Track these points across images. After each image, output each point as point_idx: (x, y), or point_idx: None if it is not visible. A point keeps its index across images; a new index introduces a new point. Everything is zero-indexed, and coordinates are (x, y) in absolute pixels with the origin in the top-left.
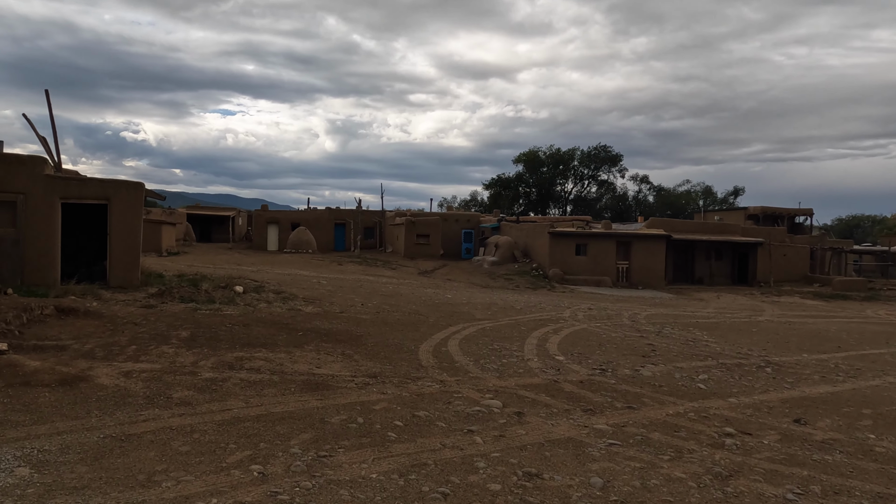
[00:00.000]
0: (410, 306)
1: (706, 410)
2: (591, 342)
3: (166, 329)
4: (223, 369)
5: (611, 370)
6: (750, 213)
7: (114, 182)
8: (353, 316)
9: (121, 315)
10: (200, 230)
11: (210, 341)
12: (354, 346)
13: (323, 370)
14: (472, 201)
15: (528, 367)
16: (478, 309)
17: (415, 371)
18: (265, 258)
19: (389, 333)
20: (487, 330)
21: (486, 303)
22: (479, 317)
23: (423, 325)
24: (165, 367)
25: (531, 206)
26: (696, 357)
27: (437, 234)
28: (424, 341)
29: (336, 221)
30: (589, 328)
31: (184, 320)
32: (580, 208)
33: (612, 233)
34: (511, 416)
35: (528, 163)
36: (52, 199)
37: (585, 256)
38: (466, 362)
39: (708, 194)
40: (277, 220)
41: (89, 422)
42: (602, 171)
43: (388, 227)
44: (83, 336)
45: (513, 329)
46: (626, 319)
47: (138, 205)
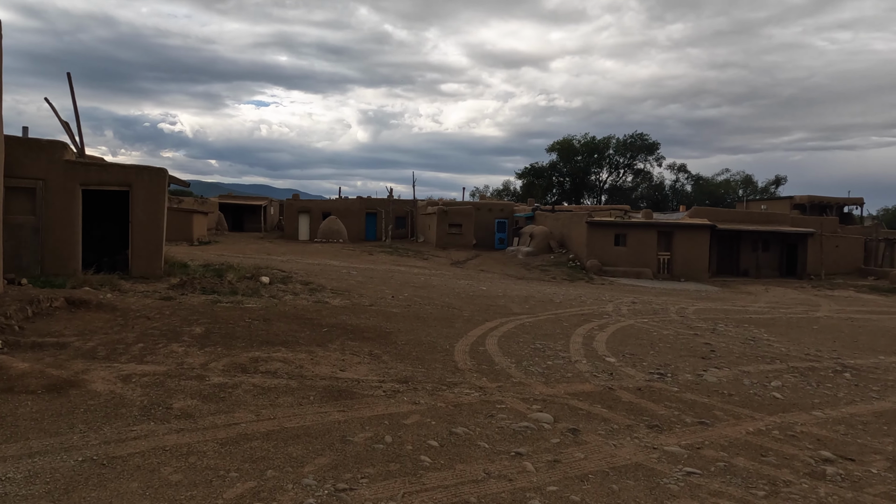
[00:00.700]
0: (443, 299)
1: (791, 427)
2: (642, 341)
3: (180, 324)
4: (235, 372)
5: (670, 375)
6: (796, 203)
7: (135, 168)
8: (382, 309)
9: (134, 308)
10: (233, 219)
11: (225, 339)
12: (383, 344)
13: (347, 374)
14: (505, 191)
15: (577, 370)
16: (514, 302)
17: (450, 375)
18: (295, 248)
19: (421, 329)
20: (527, 326)
21: (523, 295)
22: (517, 311)
23: (458, 321)
24: (171, 369)
25: (565, 195)
26: (762, 359)
27: (470, 223)
28: (460, 339)
29: (367, 211)
30: (636, 324)
31: (200, 314)
32: (615, 198)
33: (652, 222)
34: (565, 434)
35: (562, 151)
36: (72, 186)
37: (625, 247)
38: (507, 364)
39: (748, 183)
40: (308, 209)
41: (70, 439)
42: (638, 159)
43: (420, 217)
44: (88, 332)
45: (554, 325)
46: (673, 314)
47: (161, 191)
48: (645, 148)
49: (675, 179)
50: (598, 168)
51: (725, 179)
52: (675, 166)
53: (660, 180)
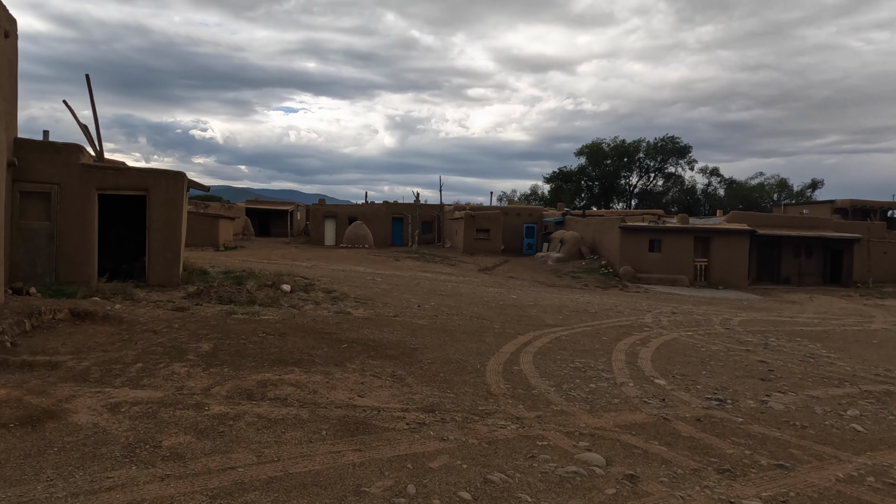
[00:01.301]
0: (472, 309)
1: (887, 472)
2: (691, 358)
3: (187, 340)
4: (240, 399)
5: (730, 401)
6: (837, 207)
7: (152, 171)
8: (407, 321)
9: (142, 321)
10: (259, 224)
11: (234, 357)
12: (408, 363)
13: (366, 400)
14: (533, 195)
15: (624, 394)
16: (547, 312)
17: (482, 401)
18: (321, 253)
19: (449, 345)
20: (563, 340)
21: (556, 305)
22: (551, 322)
23: (488, 334)
24: (168, 395)
25: (593, 199)
26: (828, 381)
27: (498, 228)
28: (491, 356)
29: (393, 215)
30: (680, 338)
31: (211, 328)
32: (645, 202)
33: (689, 227)
34: (621, 483)
35: (591, 155)
36: (88, 190)
37: (660, 253)
38: (546, 388)
39: (783, 187)
40: (335, 214)
41: (33, 490)
42: (669, 163)
43: (447, 222)
44: (86, 349)
45: (592, 339)
46: (718, 326)
47: (179, 196)
48: (676, 151)
49: (708, 183)
50: (628, 172)
51: (759, 183)
52: (708, 170)
53: (691, 184)
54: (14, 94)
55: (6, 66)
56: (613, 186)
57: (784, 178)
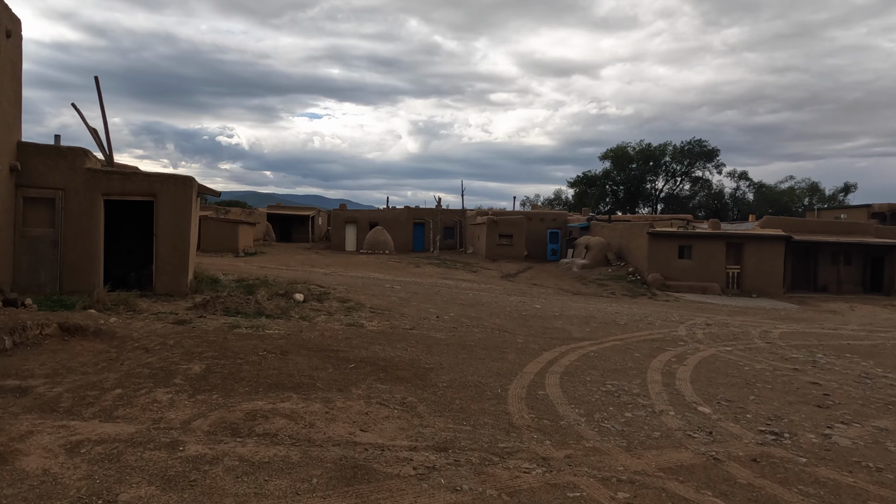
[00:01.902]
0: (493, 320)
1: None
2: (734, 379)
3: (179, 359)
4: (223, 436)
5: (788, 434)
6: (874, 212)
7: (160, 176)
8: (424, 335)
9: (136, 336)
10: (281, 230)
11: (226, 381)
12: (420, 387)
13: (369, 436)
14: (557, 200)
15: (665, 426)
16: (574, 324)
17: (503, 436)
18: (341, 259)
19: (468, 364)
20: (592, 357)
21: (583, 315)
22: (578, 335)
23: (511, 350)
24: (142, 430)
25: (618, 204)
26: (894, 408)
27: (522, 234)
28: (514, 378)
29: (415, 221)
30: (720, 354)
31: (209, 345)
32: (672, 207)
33: (721, 233)
34: None
35: (616, 159)
36: (94, 196)
37: (690, 260)
38: (576, 418)
39: (814, 191)
40: (356, 219)
41: None
42: (696, 167)
43: (469, 227)
44: (66, 370)
45: (624, 355)
46: (757, 339)
47: (187, 201)
48: (703, 155)
49: (736, 188)
50: (654, 176)
51: (790, 187)
52: (736, 174)
53: (719, 188)
54: (18, 97)
55: (8, 67)
56: (639, 191)
57: (815, 182)
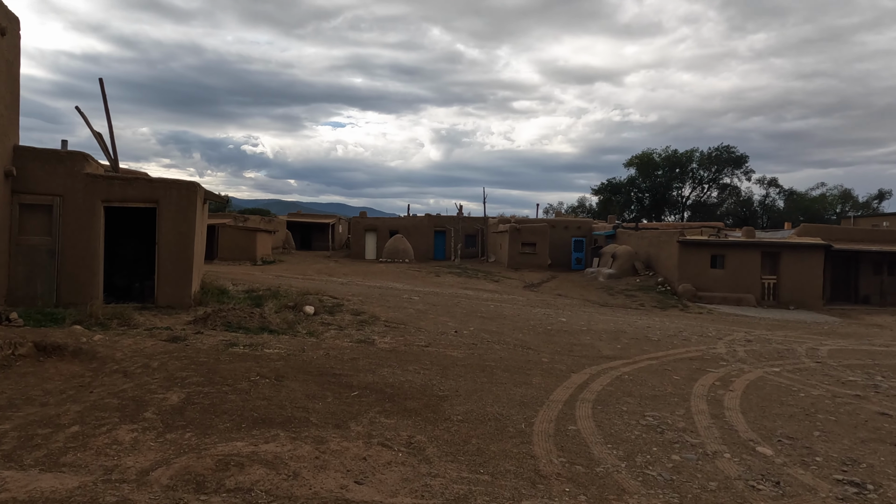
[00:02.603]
0: (516, 335)
1: None
2: (791, 408)
3: (158, 387)
4: (184, 492)
5: (871, 485)
6: None
7: (163, 182)
8: (440, 353)
9: (119, 357)
10: (301, 238)
11: (205, 415)
12: (431, 421)
13: (364, 491)
14: (580, 207)
15: (721, 473)
16: (603, 340)
17: (528, 488)
18: (359, 268)
19: (487, 390)
20: (626, 380)
21: (612, 330)
22: (608, 353)
23: (535, 371)
24: (86, 484)
25: (644, 212)
26: None
27: (545, 242)
28: (539, 408)
29: (436, 228)
30: (767, 377)
31: (197, 368)
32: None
33: (755, 242)
34: None
35: (642, 166)
36: (93, 203)
37: (723, 270)
38: (614, 462)
39: (847, 198)
40: (375, 227)
41: None
42: (724, 173)
43: (491, 235)
44: (24, 400)
45: (661, 378)
46: (805, 358)
47: (191, 208)
48: (732, 161)
49: (765, 195)
50: (681, 183)
51: (821, 194)
52: (765, 180)
53: (748, 196)
54: (14, 98)
55: (4, 68)
56: (665, 198)
57: (848, 189)
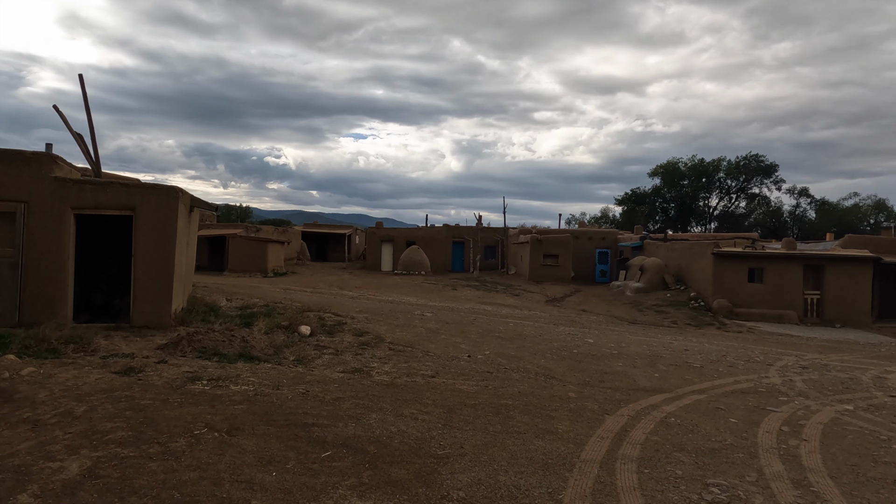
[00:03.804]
0: (538, 360)
1: None
2: (891, 468)
3: (63, 447)
4: None
5: None
6: None
7: (140, 187)
8: (447, 386)
9: (41, 398)
10: (317, 249)
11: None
12: (421, 500)
13: None
14: (603, 218)
15: None
16: (638, 366)
17: None
18: (373, 280)
19: (500, 444)
20: (673, 425)
21: (647, 353)
22: (645, 384)
23: (562, 412)
24: None
25: (669, 222)
26: None
27: (568, 253)
28: (569, 476)
29: (454, 239)
30: (840, 417)
31: (131, 415)
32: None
33: (797, 254)
34: None
35: (667, 175)
36: (62, 210)
37: (761, 284)
38: None
39: (881, 208)
40: (392, 238)
41: None
42: (753, 183)
43: (511, 246)
44: None
45: (715, 420)
46: (876, 391)
47: (171, 216)
48: (761, 170)
49: (796, 205)
50: (707, 193)
51: (854, 204)
52: (796, 190)
53: (777, 206)
54: None
55: None
56: (691, 208)
57: (882, 199)
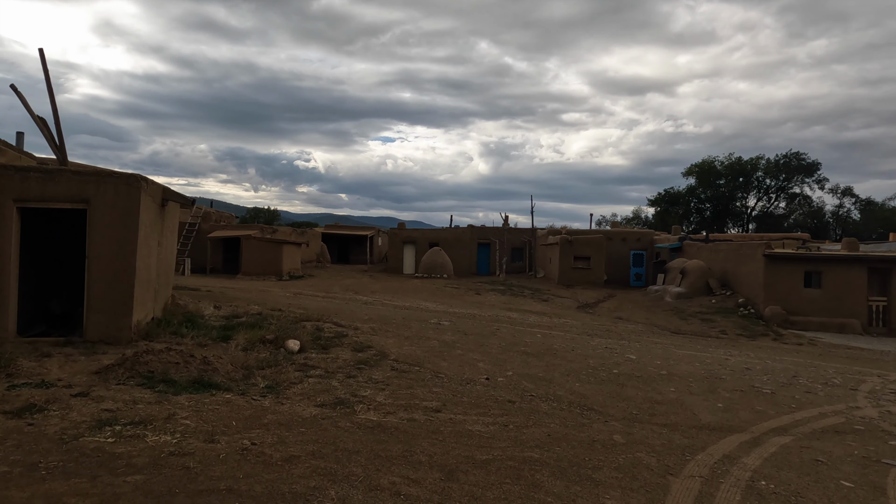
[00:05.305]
0: (571, 384)
1: None
2: None
3: None
4: None
5: None
6: None
7: (95, 175)
8: (454, 427)
9: None
10: (338, 251)
11: None
12: None
13: None
14: (635, 219)
15: None
16: (694, 391)
17: None
18: (392, 284)
19: None
20: (764, 491)
21: (701, 373)
22: (709, 418)
23: (607, 473)
24: None
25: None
26: None
27: (601, 256)
28: None
29: (479, 241)
30: None
31: None
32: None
33: (860, 256)
34: None
35: (702, 175)
36: (3, 202)
37: (819, 289)
38: None
39: None
40: (414, 239)
41: None
42: (794, 182)
43: (539, 248)
44: None
45: (817, 481)
46: None
47: (132, 210)
48: (802, 169)
49: (839, 205)
50: (745, 193)
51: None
52: (839, 190)
53: (819, 206)
54: None
55: None
56: (727, 209)
57: None
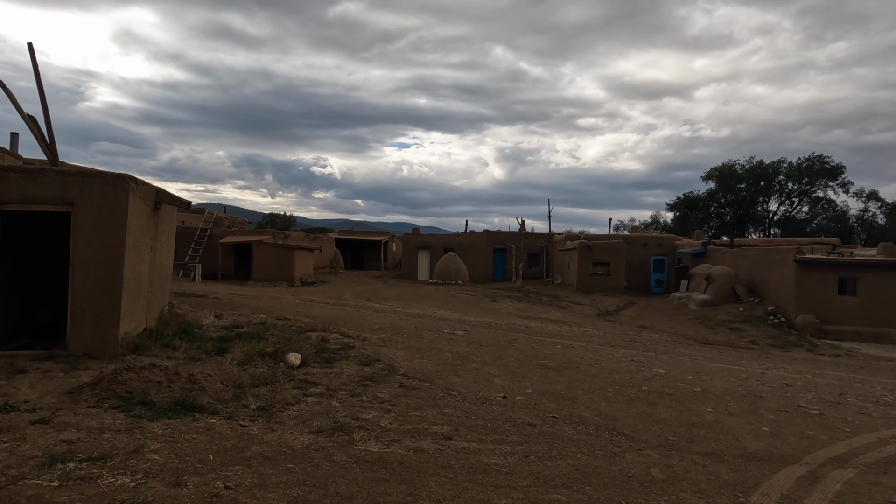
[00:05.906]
0: (597, 403)
1: None
2: None
3: None
4: None
5: None
6: None
7: (80, 176)
8: (466, 459)
9: None
10: (352, 257)
11: None
12: None
13: None
14: (654, 224)
15: None
16: (733, 412)
17: None
18: (406, 291)
19: None
20: None
21: (738, 390)
22: (755, 446)
23: None
24: None
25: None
26: None
27: (620, 261)
28: None
29: (495, 246)
30: None
31: None
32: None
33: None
34: None
35: (722, 178)
36: None
37: (855, 297)
38: None
39: None
40: (429, 245)
41: None
42: (817, 186)
43: (557, 253)
44: None
45: None
46: None
47: (119, 212)
48: (825, 172)
49: (864, 209)
50: (766, 197)
51: None
52: (864, 193)
53: (843, 210)
54: None
55: None
56: (748, 213)
57: None
